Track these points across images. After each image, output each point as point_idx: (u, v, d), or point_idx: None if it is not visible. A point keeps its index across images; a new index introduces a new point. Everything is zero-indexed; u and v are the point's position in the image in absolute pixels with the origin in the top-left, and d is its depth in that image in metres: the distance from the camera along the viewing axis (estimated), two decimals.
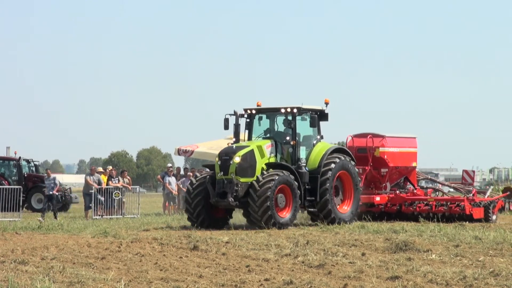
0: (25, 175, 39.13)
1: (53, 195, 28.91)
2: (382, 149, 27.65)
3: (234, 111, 24.27)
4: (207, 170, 24.01)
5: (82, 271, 12.95)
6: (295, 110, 23.82)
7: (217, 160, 23.22)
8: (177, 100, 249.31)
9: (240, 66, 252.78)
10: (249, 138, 24.62)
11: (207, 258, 15.03)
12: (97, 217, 28.67)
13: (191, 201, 23.11)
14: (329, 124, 25.05)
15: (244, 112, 24.53)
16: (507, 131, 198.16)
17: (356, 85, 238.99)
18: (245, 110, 24.55)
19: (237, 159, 22.70)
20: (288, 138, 23.92)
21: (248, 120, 24.65)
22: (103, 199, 29.47)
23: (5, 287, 11.58)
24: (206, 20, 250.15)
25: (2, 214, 28.83)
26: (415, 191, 28.22)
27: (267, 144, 23.62)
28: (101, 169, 31.44)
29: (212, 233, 20.17)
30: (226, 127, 24.20)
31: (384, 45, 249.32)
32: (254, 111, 24.55)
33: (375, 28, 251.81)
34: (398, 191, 27.71)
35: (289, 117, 23.90)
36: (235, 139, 24.34)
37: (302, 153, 24.13)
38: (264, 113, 24.71)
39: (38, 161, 43.56)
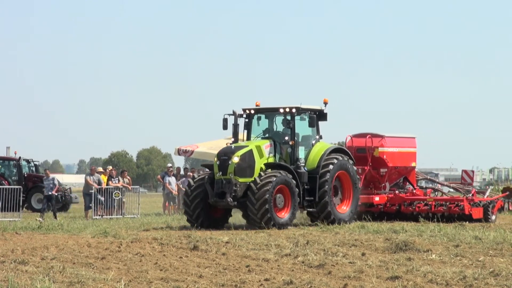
0: (25, 175, 39.13)
1: (52, 195, 28.90)
2: (381, 149, 27.64)
3: (233, 111, 24.26)
4: (206, 170, 24.02)
5: (82, 271, 12.96)
6: (293, 110, 23.80)
7: (215, 160, 23.20)
8: (177, 100, 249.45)
9: (240, 66, 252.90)
10: (248, 138, 24.60)
11: (207, 258, 15.03)
12: (97, 217, 28.67)
13: (189, 201, 23.09)
14: (328, 124, 25.08)
15: (242, 112, 24.51)
16: (507, 131, 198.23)
17: (356, 85, 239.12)
18: (244, 110, 24.52)
19: (235, 159, 22.69)
20: (287, 138, 23.89)
21: (246, 120, 24.60)
22: (103, 199, 29.47)
23: (5, 287, 11.58)
24: (206, 20, 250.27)
25: (2, 214, 28.83)
26: (415, 191, 28.20)
27: (265, 144, 23.59)
28: (101, 169, 31.45)
29: (212, 233, 20.17)
30: (225, 127, 24.18)
31: (384, 45, 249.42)
32: (252, 111, 24.51)
33: (375, 28, 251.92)
34: (398, 191, 27.68)
35: (288, 117, 23.87)
36: (233, 139, 24.32)
37: (301, 153, 24.11)
38: (263, 113, 24.68)
39: (38, 161, 43.58)
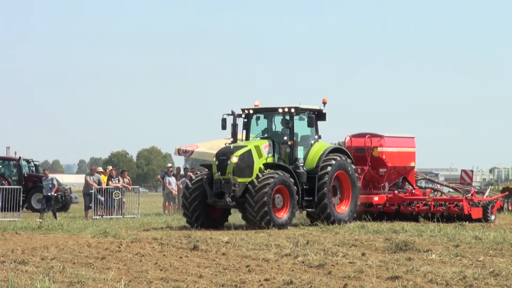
0: (25, 175, 39.14)
1: (51, 196, 28.91)
2: (380, 149, 27.61)
3: (232, 111, 24.23)
4: (206, 170, 23.99)
5: (82, 271, 12.95)
6: (292, 110, 23.76)
7: (214, 160, 23.17)
8: (177, 100, 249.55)
9: (240, 66, 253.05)
10: (247, 138, 24.58)
11: (207, 258, 15.03)
12: (97, 217, 28.67)
13: (188, 201, 23.06)
14: (328, 124, 25.06)
15: (241, 112, 24.47)
16: (507, 131, 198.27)
17: (356, 85, 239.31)
18: (243, 110, 24.48)
19: (234, 159, 22.65)
20: (285, 138, 23.84)
21: (245, 120, 24.57)
22: (103, 199, 29.47)
23: (5, 287, 11.57)
24: (206, 20, 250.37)
25: (2, 214, 28.84)
26: (414, 191, 28.18)
27: (264, 144, 23.55)
28: (101, 169, 31.45)
29: (212, 233, 20.16)
30: (224, 127, 24.14)
31: (384, 45, 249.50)
32: (251, 111, 24.47)
33: (374, 28, 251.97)
34: (397, 191, 27.66)
35: (287, 117, 23.83)
36: (232, 139, 24.29)
37: (300, 153, 24.07)
38: (262, 113, 24.65)
39: (38, 161, 43.59)
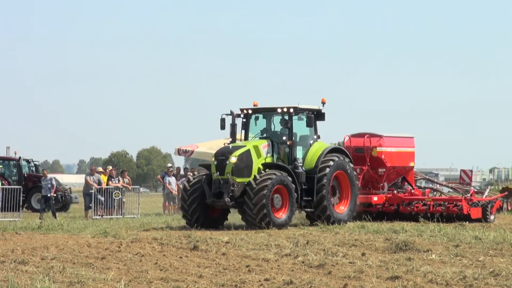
0: (25, 175, 39.15)
1: (50, 196, 28.90)
2: (379, 149, 27.59)
3: (231, 111, 24.19)
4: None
5: (82, 271, 12.95)
6: (291, 110, 23.73)
7: (213, 160, 23.14)
8: (177, 100, 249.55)
9: (240, 66, 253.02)
10: (246, 138, 24.56)
11: (207, 258, 15.03)
12: (97, 217, 28.67)
13: (187, 201, 23.03)
14: (327, 123, 25.03)
15: (240, 112, 24.43)
16: (507, 131, 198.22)
17: (355, 84, 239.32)
18: (242, 110, 24.45)
19: (233, 159, 22.61)
20: (284, 138, 23.82)
21: (244, 120, 24.54)
22: (103, 199, 29.47)
23: (5, 287, 11.57)
24: (206, 20, 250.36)
25: (2, 214, 28.83)
26: (413, 191, 28.17)
27: (263, 144, 23.53)
28: (101, 169, 31.45)
29: (212, 233, 20.16)
30: (223, 127, 24.11)
31: (384, 45, 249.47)
32: (250, 111, 24.44)
33: (374, 28, 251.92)
34: (396, 191, 27.65)
35: (286, 117, 23.80)
36: (231, 139, 24.27)
37: (299, 153, 24.03)
38: (261, 113, 24.62)
39: (38, 161, 43.60)
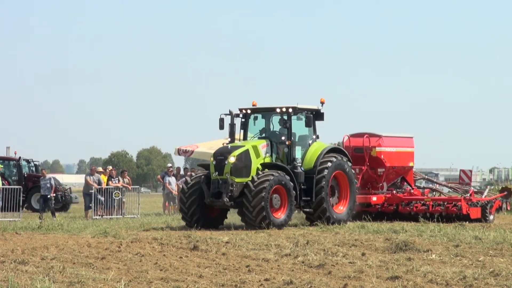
0: (25, 175, 39.13)
1: (50, 196, 28.89)
2: (378, 149, 27.58)
3: (230, 110, 24.16)
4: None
5: (82, 271, 12.95)
6: (290, 110, 23.70)
7: (212, 160, 23.10)
8: (177, 100, 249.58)
9: (240, 66, 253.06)
10: (245, 138, 24.54)
11: (207, 258, 15.02)
12: (97, 217, 28.67)
13: (185, 201, 22.99)
14: (326, 123, 25.04)
15: (239, 112, 24.41)
16: (507, 131, 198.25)
17: (354, 84, 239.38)
18: (241, 110, 24.42)
19: (232, 159, 22.59)
20: (283, 138, 23.81)
21: (243, 120, 24.52)
22: (103, 199, 29.47)
23: (5, 287, 11.57)
24: (206, 20, 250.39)
25: (2, 214, 28.82)
26: (412, 191, 28.16)
27: (262, 144, 23.50)
28: (101, 169, 31.45)
29: (212, 233, 20.16)
30: (221, 127, 24.07)
31: (383, 45, 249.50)
32: (249, 111, 24.42)
33: (374, 28, 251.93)
34: (395, 191, 27.64)
35: (285, 117, 23.78)
36: (230, 139, 24.25)
37: (298, 153, 24.00)
38: (260, 112, 24.60)
39: (38, 161, 43.59)
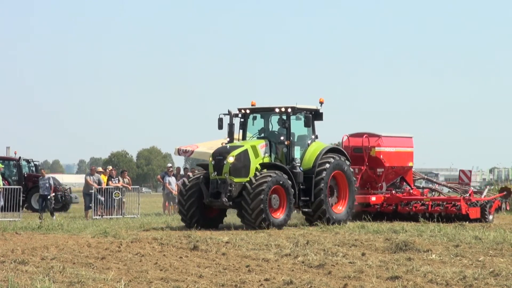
0: (25, 175, 39.11)
1: (49, 197, 28.87)
2: (378, 149, 27.56)
3: (228, 110, 24.12)
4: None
5: (82, 271, 12.95)
6: (289, 110, 23.68)
7: (210, 160, 23.08)
8: (177, 100, 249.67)
9: (240, 66, 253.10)
10: (243, 138, 24.53)
11: (207, 258, 15.02)
12: (97, 217, 28.66)
13: (184, 201, 22.97)
14: (325, 123, 25.01)
15: (238, 112, 24.40)
16: (507, 131, 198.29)
17: (354, 84, 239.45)
18: (239, 110, 24.41)
19: (231, 159, 22.57)
20: (282, 138, 23.79)
21: (242, 119, 24.51)
22: (103, 199, 29.47)
23: (5, 287, 11.57)
24: (206, 20, 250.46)
25: (2, 214, 28.81)
26: (411, 191, 28.16)
27: (261, 144, 23.48)
28: (101, 169, 31.44)
29: (212, 233, 20.15)
30: (220, 127, 24.04)
31: (383, 45, 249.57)
32: (248, 111, 24.41)
33: (373, 28, 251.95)
34: (394, 191, 27.63)
35: (284, 117, 23.75)
36: (229, 139, 24.23)
37: (297, 153, 23.98)
38: (258, 112, 24.58)
39: (38, 161, 43.58)
